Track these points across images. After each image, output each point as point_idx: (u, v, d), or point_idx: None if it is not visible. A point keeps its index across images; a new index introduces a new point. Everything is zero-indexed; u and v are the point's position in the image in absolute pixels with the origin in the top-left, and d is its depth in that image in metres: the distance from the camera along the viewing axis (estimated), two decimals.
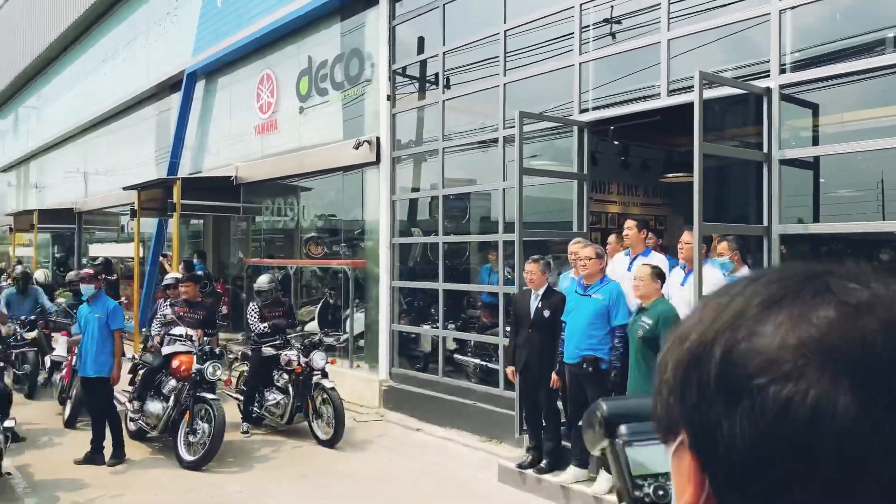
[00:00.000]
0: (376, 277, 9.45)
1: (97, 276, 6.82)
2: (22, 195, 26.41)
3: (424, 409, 8.39)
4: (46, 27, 20.68)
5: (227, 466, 6.64)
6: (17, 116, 26.15)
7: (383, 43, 9.18)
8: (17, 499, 5.76)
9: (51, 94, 22.37)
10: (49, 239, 23.14)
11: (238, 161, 12.34)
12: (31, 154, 24.52)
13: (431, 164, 9.13)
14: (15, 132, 26.38)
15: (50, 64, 22.02)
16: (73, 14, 18.41)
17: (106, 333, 6.64)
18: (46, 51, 21.06)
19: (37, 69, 22.88)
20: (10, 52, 24.40)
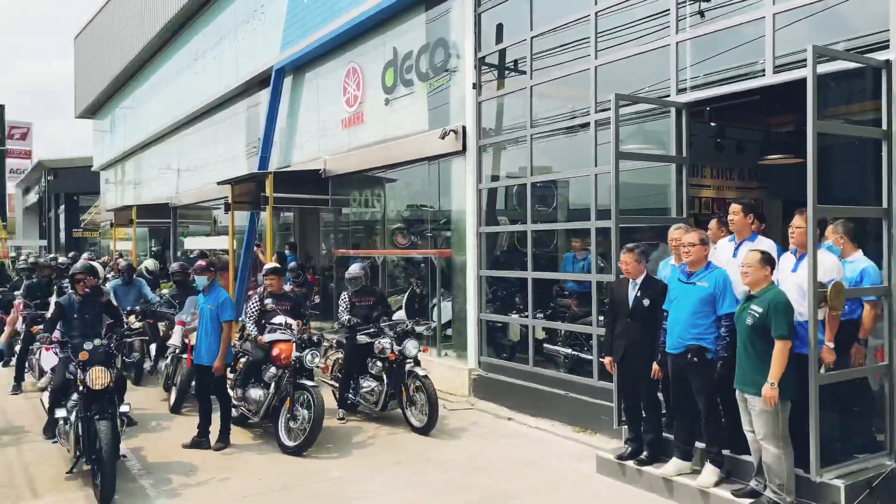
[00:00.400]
0: (463, 267, 9.46)
1: (209, 268, 7.07)
2: (119, 192, 27.82)
3: (515, 398, 8.35)
4: (140, 31, 21.62)
5: (326, 452, 6.79)
6: (113, 117, 27.51)
7: (469, 31, 9.13)
8: (133, 480, 6.05)
9: (145, 95, 23.39)
10: (146, 233, 24.27)
11: (326, 154, 12.58)
12: (127, 153, 25.75)
13: (518, 151, 9.04)
14: (112, 132, 27.76)
15: (144, 66, 23.03)
16: (165, 17, 19.17)
17: (217, 324, 6.89)
18: (140, 53, 22.02)
19: (132, 72, 23.97)
20: (107, 56, 25.68)
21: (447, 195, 10.14)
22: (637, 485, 5.76)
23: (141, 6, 21.58)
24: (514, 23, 8.81)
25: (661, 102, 6.88)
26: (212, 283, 7.12)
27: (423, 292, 10.97)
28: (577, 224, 8.35)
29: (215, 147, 18.24)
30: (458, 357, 9.60)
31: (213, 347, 6.92)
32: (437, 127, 9.81)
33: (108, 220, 25.92)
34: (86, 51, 28.87)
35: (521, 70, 8.80)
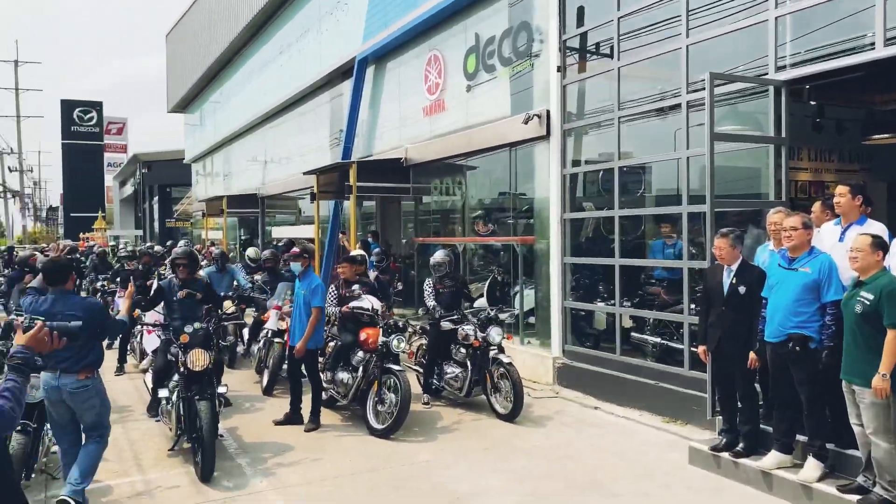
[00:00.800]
0: (546, 254, 9.35)
1: (303, 255, 7.26)
2: (209, 183, 28.92)
3: (601, 387, 8.22)
4: (228, 26, 22.33)
5: (413, 435, 6.87)
6: (203, 111, 28.58)
7: (553, 14, 8.98)
8: (231, 458, 6.29)
9: (233, 89, 24.18)
10: (236, 222, 25.16)
11: (407, 143, 12.67)
12: (217, 145, 26.72)
13: (604, 135, 8.85)
14: (202, 126, 28.86)
15: (232, 60, 23.79)
16: (252, 11, 19.71)
17: (309, 308, 7.08)
18: (228, 48, 22.74)
19: (220, 66, 24.80)
20: (197, 52, 26.66)
21: (529, 181, 10.05)
22: (733, 477, 5.57)
23: (229, 2, 22.28)
24: (599, 4, 8.61)
25: (760, 81, 6.58)
26: (306, 269, 7.31)
27: (505, 280, 10.94)
28: (668, 209, 8.12)
29: (300, 138, 18.68)
30: (541, 345, 9.52)
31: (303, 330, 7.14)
32: (519, 112, 9.71)
33: (200, 210, 27.00)
34: (177, 47, 30.07)
35: (605, 52, 8.60)
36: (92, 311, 5.00)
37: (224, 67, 24.73)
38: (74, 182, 56.75)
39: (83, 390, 4.93)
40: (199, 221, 29.41)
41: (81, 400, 4.95)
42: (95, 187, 57.60)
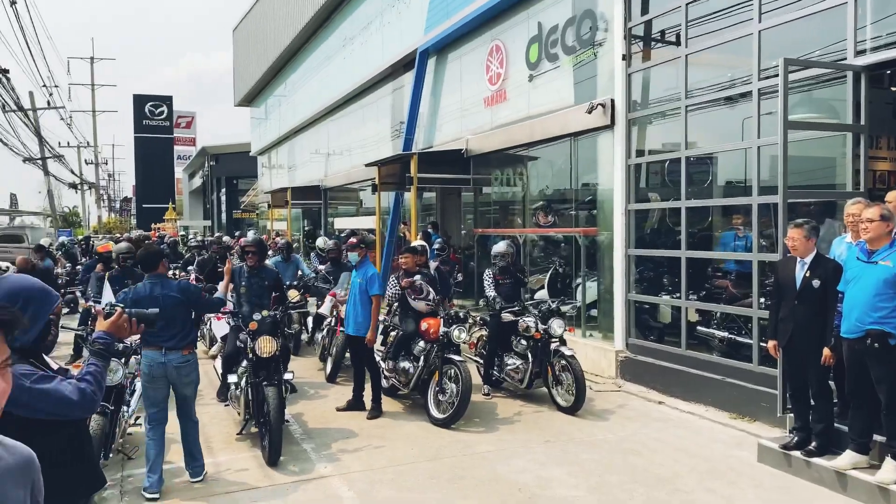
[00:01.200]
0: (609, 245, 9.22)
1: (360, 245, 7.37)
2: (274, 175, 29.57)
3: (665, 381, 8.07)
4: (292, 20, 22.73)
5: (474, 426, 6.90)
6: (269, 105, 29.20)
7: (618, 1, 8.81)
8: (297, 443, 6.44)
9: (297, 83, 24.62)
10: (300, 213, 25.66)
11: (468, 134, 12.67)
12: (281, 138, 27.27)
13: (670, 124, 8.66)
14: (267, 119, 29.51)
15: (296, 54, 24.22)
16: (316, 5, 20.00)
17: (366, 297, 7.19)
18: (293, 42, 23.15)
19: (285, 60, 25.29)
20: (262, 47, 27.24)
21: (592, 171, 9.91)
22: (804, 476, 5.39)
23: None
24: None
25: (838, 66, 6.31)
26: (363, 259, 7.42)
27: (566, 271, 10.83)
28: (738, 200, 7.89)
29: (362, 130, 18.90)
30: (604, 338, 9.41)
31: (361, 319, 7.26)
32: (582, 102, 9.59)
33: (266, 201, 27.63)
34: (243, 42, 30.78)
35: (672, 40, 8.40)
36: (188, 293, 5.50)
37: (288, 62, 25.19)
38: (146, 174, 58.89)
39: (186, 365, 5.39)
40: (265, 212, 30.10)
41: (185, 374, 5.39)
42: (166, 179, 59.67)
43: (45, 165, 31.57)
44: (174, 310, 5.30)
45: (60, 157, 34.46)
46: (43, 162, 30.79)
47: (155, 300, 5.17)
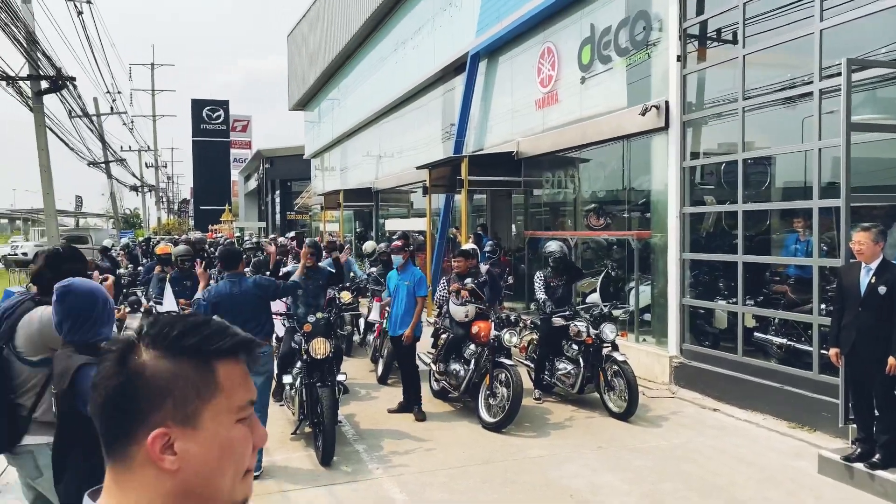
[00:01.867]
0: (663, 249, 9.08)
1: (405, 248, 7.45)
2: (326, 177, 30.01)
3: (721, 388, 7.91)
4: (345, 25, 23.04)
5: (524, 430, 6.89)
6: (322, 109, 29.65)
7: (673, 1, 8.67)
8: (349, 444, 6.54)
9: (350, 87, 24.94)
10: (352, 215, 25.97)
11: (519, 136, 12.64)
12: (334, 141, 27.66)
13: (725, 126, 8.49)
14: (321, 122, 29.96)
15: (349, 59, 24.53)
16: (368, 10, 20.23)
17: (412, 300, 7.27)
18: (346, 47, 23.46)
19: (338, 65, 25.64)
20: (316, 52, 27.68)
21: (646, 174, 9.78)
22: (867, 490, 5.22)
23: (346, 2, 22.97)
24: None
25: None
26: (406, 261, 7.50)
27: (619, 275, 10.71)
28: (798, 203, 7.69)
29: (413, 133, 19.03)
30: (657, 343, 9.27)
31: (407, 320, 7.38)
32: (635, 103, 9.48)
33: (319, 203, 28.06)
34: (297, 47, 31.34)
35: (728, 39, 8.23)
36: (265, 287, 5.99)
37: (341, 66, 25.54)
38: (203, 177, 60.53)
39: (264, 355, 5.79)
40: (318, 214, 30.58)
41: (262, 364, 5.72)
42: (222, 181, 61.23)
43: (108, 169, 32.74)
44: (251, 305, 5.79)
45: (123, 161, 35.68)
46: (106, 166, 31.94)
47: (234, 298, 5.70)
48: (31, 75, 15.95)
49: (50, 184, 16.72)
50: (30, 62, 15.18)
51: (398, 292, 7.50)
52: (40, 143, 16.52)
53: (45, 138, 16.61)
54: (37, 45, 14.84)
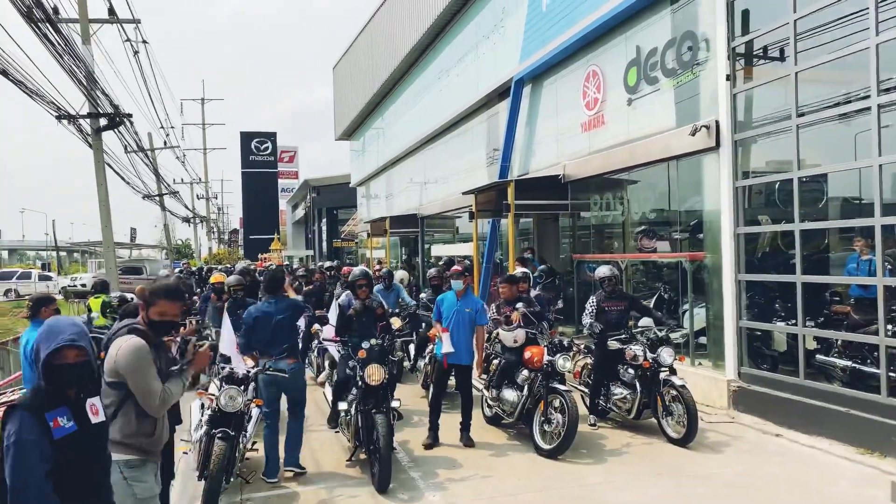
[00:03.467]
0: (717, 270, 8.91)
1: (464, 273, 7.46)
2: (371, 205, 30.37)
3: (782, 413, 7.67)
4: (389, 56, 23.45)
5: (580, 457, 6.78)
6: (367, 138, 30.13)
7: (720, 20, 8.61)
8: (404, 471, 6.52)
9: (394, 116, 25.31)
10: (397, 241, 26.19)
11: (565, 159, 12.62)
12: (379, 169, 28.03)
13: (778, 144, 8.34)
14: (366, 151, 30.42)
15: (393, 89, 24.93)
16: (412, 40, 20.57)
17: (472, 326, 7.25)
18: (390, 77, 23.86)
19: (382, 95, 26.07)
20: (361, 83, 28.20)
21: (697, 194, 9.65)
22: None
23: (391, 33, 23.42)
24: (771, 6, 8.15)
25: None
26: (466, 287, 7.48)
27: (671, 297, 10.54)
28: (860, 221, 7.49)
29: (457, 159, 19.17)
30: (714, 367, 9.05)
31: (468, 347, 7.30)
32: (684, 124, 9.40)
33: (365, 230, 28.40)
34: (342, 79, 31.98)
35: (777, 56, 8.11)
36: (297, 308, 6.76)
37: (386, 96, 25.96)
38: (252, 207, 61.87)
39: (297, 370, 6.46)
40: (363, 241, 30.90)
41: (295, 378, 6.38)
42: (271, 211, 62.48)
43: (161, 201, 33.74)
44: (285, 325, 6.44)
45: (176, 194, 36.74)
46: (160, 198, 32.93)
47: (269, 316, 6.39)
48: (91, 113, 16.63)
49: (108, 217, 17.31)
50: (90, 101, 15.83)
51: (459, 319, 7.39)
52: (99, 179, 17.15)
53: (103, 173, 17.24)
54: (96, 84, 15.48)
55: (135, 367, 3.46)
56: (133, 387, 3.48)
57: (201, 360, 3.87)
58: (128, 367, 3.46)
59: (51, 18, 11.98)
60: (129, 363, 3.47)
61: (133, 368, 3.46)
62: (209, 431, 5.64)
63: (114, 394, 3.49)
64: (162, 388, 3.53)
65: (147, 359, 3.51)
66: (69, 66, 13.59)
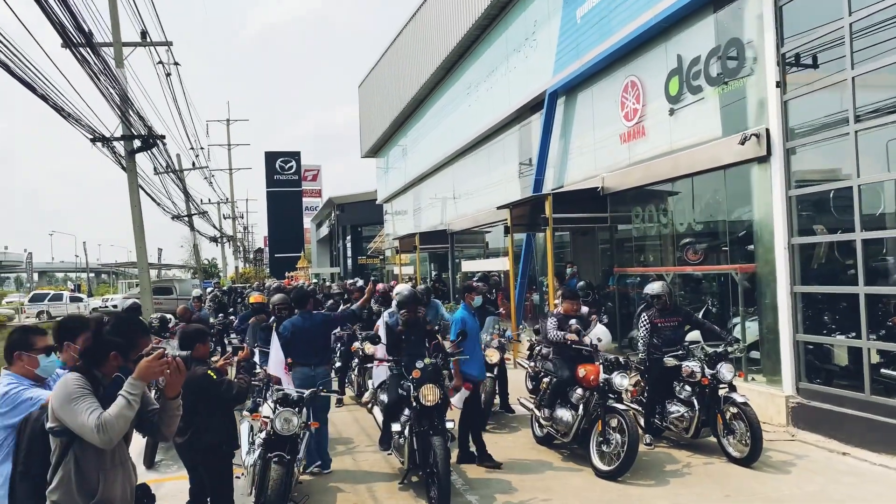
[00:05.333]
0: (770, 282, 8.64)
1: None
2: (397, 221, 30.34)
3: (847, 430, 7.36)
4: (416, 74, 23.48)
5: (640, 478, 6.54)
6: (392, 155, 30.17)
7: (769, 27, 8.41)
8: (460, 494, 6.31)
9: (421, 132, 25.29)
10: (426, 257, 26.08)
11: (603, 171, 12.42)
12: (406, 186, 27.99)
13: (832, 151, 8.08)
14: (392, 169, 30.45)
15: (420, 105, 24.93)
16: (439, 57, 20.56)
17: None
18: (417, 94, 23.87)
19: (409, 112, 26.10)
20: (387, 100, 28.29)
21: (746, 205, 9.40)
22: None
23: (416, 51, 23.45)
24: (822, 11, 7.93)
25: None
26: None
27: (719, 311, 10.26)
28: None
29: (488, 173, 19.04)
30: (768, 382, 8.75)
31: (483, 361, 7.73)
32: (730, 133, 9.18)
33: (393, 247, 28.35)
34: (368, 97, 32.10)
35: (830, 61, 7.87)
36: (327, 322, 7.53)
37: (412, 112, 25.98)
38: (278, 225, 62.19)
39: (328, 377, 7.23)
40: (389, 258, 30.84)
41: (327, 384, 7.02)
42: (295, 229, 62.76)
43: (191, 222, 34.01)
44: (320, 336, 7.22)
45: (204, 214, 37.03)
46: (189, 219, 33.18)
47: (307, 331, 7.06)
48: (124, 135, 16.76)
49: (143, 238, 17.39)
50: (124, 123, 15.96)
51: (478, 336, 7.70)
52: (133, 200, 17.24)
53: (137, 195, 17.34)
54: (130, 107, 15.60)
55: (61, 403, 3.01)
56: (68, 426, 3.00)
57: (145, 370, 3.07)
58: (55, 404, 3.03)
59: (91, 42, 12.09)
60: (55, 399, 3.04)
61: (60, 404, 3.01)
62: (264, 455, 5.50)
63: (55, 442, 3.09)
64: (98, 415, 2.96)
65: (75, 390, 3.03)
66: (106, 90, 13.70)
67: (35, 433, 3.21)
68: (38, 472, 3.15)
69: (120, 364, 3.25)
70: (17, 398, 3.41)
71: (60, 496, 3.05)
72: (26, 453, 3.23)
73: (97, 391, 3.10)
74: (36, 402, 3.38)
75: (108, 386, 3.19)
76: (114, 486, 3.14)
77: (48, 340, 3.66)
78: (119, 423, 2.98)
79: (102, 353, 3.22)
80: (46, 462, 3.13)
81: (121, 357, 3.24)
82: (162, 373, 3.14)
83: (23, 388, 3.45)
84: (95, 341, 3.24)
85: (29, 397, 3.41)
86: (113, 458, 3.15)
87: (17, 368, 3.56)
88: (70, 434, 3.01)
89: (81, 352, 3.30)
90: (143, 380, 3.10)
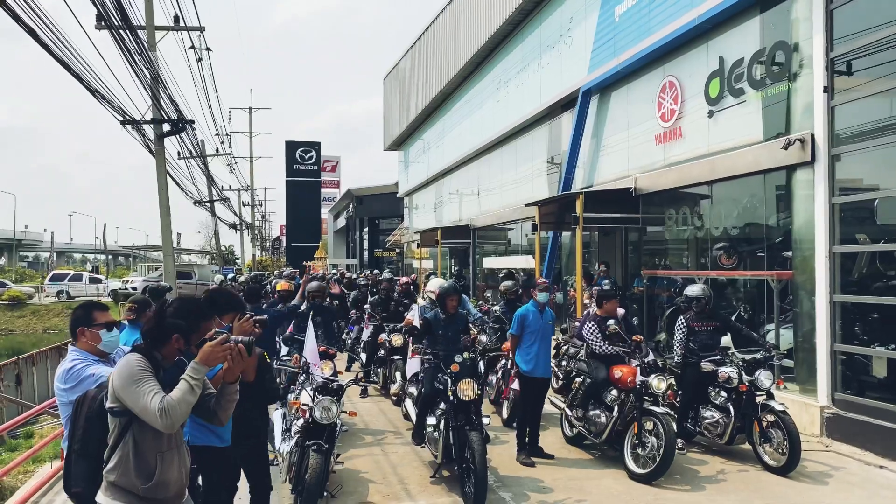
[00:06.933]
0: (809, 290, 8.51)
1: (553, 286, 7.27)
2: (417, 215, 30.29)
3: (885, 443, 7.24)
4: (444, 68, 23.38)
5: (675, 482, 6.45)
6: (415, 148, 30.09)
7: (818, 30, 8.26)
8: (493, 491, 6.24)
9: (446, 126, 25.19)
10: (447, 252, 26.03)
11: (637, 172, 12.29)
12: (430, 180, 27.93)
13: (877, 158, 7.94)
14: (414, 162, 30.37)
15: (446, 99, 24.83)
16: (469, 51, 20.44)
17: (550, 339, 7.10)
18: (444, 88, 23.76)
19: (435, 105, 25.99)
20: (412, 93, 28.21)
21: (785, 210, 9.26)
22: None
23: (445, 46, 23.34)
24: (875, 14, 7.77)
25: None
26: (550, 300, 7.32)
27: (750, 317, 10.12)
28: None
29: (514, 170, 18.93)
30: (802, 391, 8.63)
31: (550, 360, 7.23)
32: (771, 137, 9.05)
33: (413, 240, 28.31)
34: (393, 89, 32.04)
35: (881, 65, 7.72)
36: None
37: (438, 106, 25.88)
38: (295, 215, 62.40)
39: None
40: (411, 251, 30.81)
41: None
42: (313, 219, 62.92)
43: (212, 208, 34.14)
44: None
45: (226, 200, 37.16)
46: (211, 204, 33.30)
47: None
48: (154, 119, 16.80)
49: (169, 221, 17.44)
50: (156, 105, 15.99)
51: (544, 333, 7.30)
52: (161, 183, 17.27)
53: (164, 178, 17.37)
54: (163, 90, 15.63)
55: (124, 384, 2.98)
56: (129, 407, 2.99)
57: (208, 355, 3.06)
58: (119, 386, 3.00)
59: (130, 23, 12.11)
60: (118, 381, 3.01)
61: (122, 385, 2.98)
62: (301, 443, 5.48)
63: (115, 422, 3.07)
64: (161, 398, 2.94)
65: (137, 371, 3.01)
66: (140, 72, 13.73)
67: (92, 412, 3.19)
68: (94, 452, 3.13)
69: (181, 347, 3.23)
70: (80, 374, 3.40)
71: (118, 477, 3.03)
72: (83, 432, 3.20)
73: (157, 373, 3.07)
74: (98, 378, 3.36)
75: (168, 369, 3.17)
76: (170, 468, 3.12)
77: (110, 316, 3.65)
78: (181, 408, 2.97)
79: (164, 335, 3.20)
80: (103, 442, 3.11)
81: (182, 341, 3.22)
82: (224, 358, 3.12)
83: (87, 364, 3.44)
84: (157, 323, 3.22)
85: (91, 373, 3.40)
86: (170, 441, 3.13)
87: (81, 344, 3.55)
88: (130, 415, 2.99)
89: (143, 332, 3.27)
90: (207, 365, 3.08)
